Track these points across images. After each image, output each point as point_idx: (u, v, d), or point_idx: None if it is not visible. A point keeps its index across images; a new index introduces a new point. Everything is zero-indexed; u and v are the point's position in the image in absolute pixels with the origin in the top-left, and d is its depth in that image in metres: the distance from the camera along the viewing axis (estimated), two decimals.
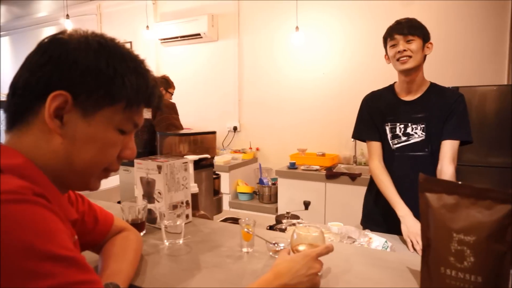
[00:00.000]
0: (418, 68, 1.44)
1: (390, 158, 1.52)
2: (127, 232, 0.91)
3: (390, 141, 1.52)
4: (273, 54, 3.77)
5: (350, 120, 3.56)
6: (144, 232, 1.10)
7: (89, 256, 0.87)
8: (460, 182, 0.71)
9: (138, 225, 1.06)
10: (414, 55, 1.42)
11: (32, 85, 0.57)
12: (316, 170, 3.14)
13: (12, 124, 0.59)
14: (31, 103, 0.57)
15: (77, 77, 0.56)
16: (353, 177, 2.90)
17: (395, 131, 1.51)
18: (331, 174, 2.99)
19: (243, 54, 3.96)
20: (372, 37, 3.25)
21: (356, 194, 2.87)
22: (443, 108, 1.44)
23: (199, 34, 3.99)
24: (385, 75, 1.53)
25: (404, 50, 1.41)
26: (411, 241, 1.25)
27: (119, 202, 1.58)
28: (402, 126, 1.50)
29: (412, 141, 1.48)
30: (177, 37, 4.13)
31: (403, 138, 1.49)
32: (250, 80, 3.94)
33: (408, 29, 1.42)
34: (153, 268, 0.87)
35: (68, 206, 0.64)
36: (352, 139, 3.31)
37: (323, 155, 3.41)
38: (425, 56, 1.45)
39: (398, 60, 1.43)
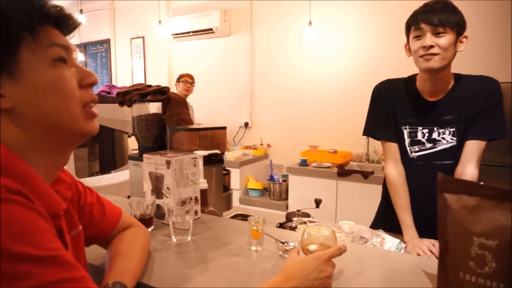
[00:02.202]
0: (445, 67, 1.17)
1: (409, 167, 1.29)
2: (135, 228, 0.89)
3: (407, 148, 1.29)
4: (285, 50, 3.73)
5: (363, 117, 3.49)
6: (152, 227, 1.08)
7: (96, 252, 0.86)
8: (482, 183, 0.67)
9: (146, 221, 1.05)
10: (443, 52, 1.14)
11: None
12: (328, 167, 3.10)
13: None
14: None
15: None
16: (365, 175, 2.85)
17: (415, 136, 1.27)
18: (343, 172, 2.95)
19: (255, 50, 3.92)
20: (386, 33, 3.18)
21: (369, 192, 2.82)
22: (474, 105, 1.19)
23: (211, 29, 3.98)
24: (399, 72, 1.39)
25: (431, 46, 1.14)
26: (422, 250, 1.11)
27: (129, 197, 1.57)
28: (426, 131, 1.25)
29: (439, 148, 1.24)
30: (189, 32, 4.12)
31: (428, 145, 1.25)
32: (262, 76, 3.90)
33: (439, 18, 1.12)
34: (160, 265, 0.86)
35: (53, 196, 0.60)
36: (365, 137, 3.26)
37: (335, 152, 3.37)
38: (455, 52, 1.18)
39: (421, 56, 1.17)
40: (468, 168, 1.18)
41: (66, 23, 0.60)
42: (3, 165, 0.51)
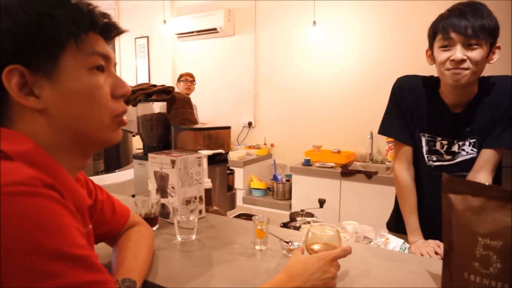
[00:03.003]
0: (474, 81, 1.08)
1: (425, 175, 1.23)
2: (140, 226, 0.90)
3: (425, 156, 1.22)
4: (289, 49, 3.73)
5: (367, 117, 3.50)
6: (157, 226, 1.09)
7: (103, 250, 0.87)
8: (486, 184, 0.67)
9: (151, 219, 1.05)
10: (474, 67, 1.02)
11: None
12: (331, 167, 3.10)
13: None
14: None
15: (10, 45, 0.51)
16: (369, 175, 2.84)
17: (434, 146, 1.20)
18: (347, 172, 2.95)
19: (259, 49, 3.93)
20: (390, 33, 3.17)
21: (372, 192, 2.82)
22: (497, 110, 1.10)
23: (215, 29, 3.98)
24: (404, 72, 1.33)
25: (462, 60, 1.01)
26: (427, 253, 1.09)
27: (133, 196, 1.58)
28: (445, 142, 1.18)
29: (459, 159, 1.17)
30: (193, 32, 4.13)
31: (447, 157, 1.19)
32: (266, 75, 3.91)
33: (473, 26, 0.98)
34: (165, 264, 0.86)
35: (81, 192, 0.61)
36: (369, 137, 3.26)
37: (339, 152, 3.36)
38: (485, 64, 1.07)
39: (449, 70, 1.05)
40: (480, 176, 1.11)
41: (111, 31, 0.61)
42: (35, 159, 0.52)
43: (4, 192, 0.43)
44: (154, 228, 1.08)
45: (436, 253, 1.10)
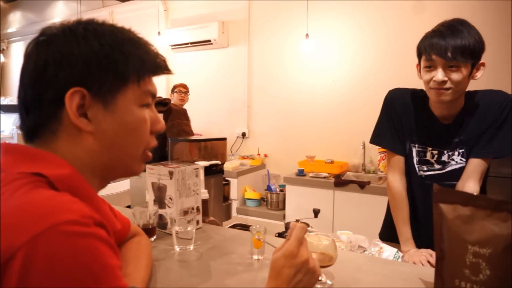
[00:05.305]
0: (458, 98, 1.15)
1: (417, 186, 1.28)
2: (139, 237, 0.91)
3: (416, 166, 1.27)
4: (282, 61, 3.79)
5: (359, 128, 3.55)
6: (155, 237, 1.10)
7: None
8: (475, 193, 0.70)
9: (149, 230, 1.07)
10: (456, 86, 1.08)
11: (42, 95, 0.55)
12: (325, 177, 3.13)
13: (33, 137, 0.58)
14: (49, 113, 0.56)
15: (80, 69, 0.55)
16: (362, 185, 2.88)
17: (424, 156, 1.25)
18: (340, 182, 2.98)
19: (252, 61, 3.98)
20: (383, 45, 3.24)
21: (365, 202, 2.85)
22: (484, 121, 1.17)
23: (209, 41, 4.03)
24: (396, 84, 1.39)
25: (444, 81, 1.08)
26: (420, 261, 1.11)
27: (128, 207, 1.59)
28: (435, 152, 1.23)
29: (448, 169, 1.22)
30: (187, 44, 4.17)
31: (437, 166, 1.24)
32: (260, 86, 3.95)
33: (453, 49, 1.04)
34: (164, 274, 0.87)
35: (112, 217, 0.63)
36: (361, 147, 3.31)
37: (332, 162, 3.40)
38: (470, 80, 1.14)
39: (432, 89, 1.12)
40: (468, 183, 1.15)
41: (164, 73, 0.65)
42: (74, 184, 0.54)
43: (58, 231, 0.43)
44: (152, 239, 1.09)
45: (428, 261, 1.12)
